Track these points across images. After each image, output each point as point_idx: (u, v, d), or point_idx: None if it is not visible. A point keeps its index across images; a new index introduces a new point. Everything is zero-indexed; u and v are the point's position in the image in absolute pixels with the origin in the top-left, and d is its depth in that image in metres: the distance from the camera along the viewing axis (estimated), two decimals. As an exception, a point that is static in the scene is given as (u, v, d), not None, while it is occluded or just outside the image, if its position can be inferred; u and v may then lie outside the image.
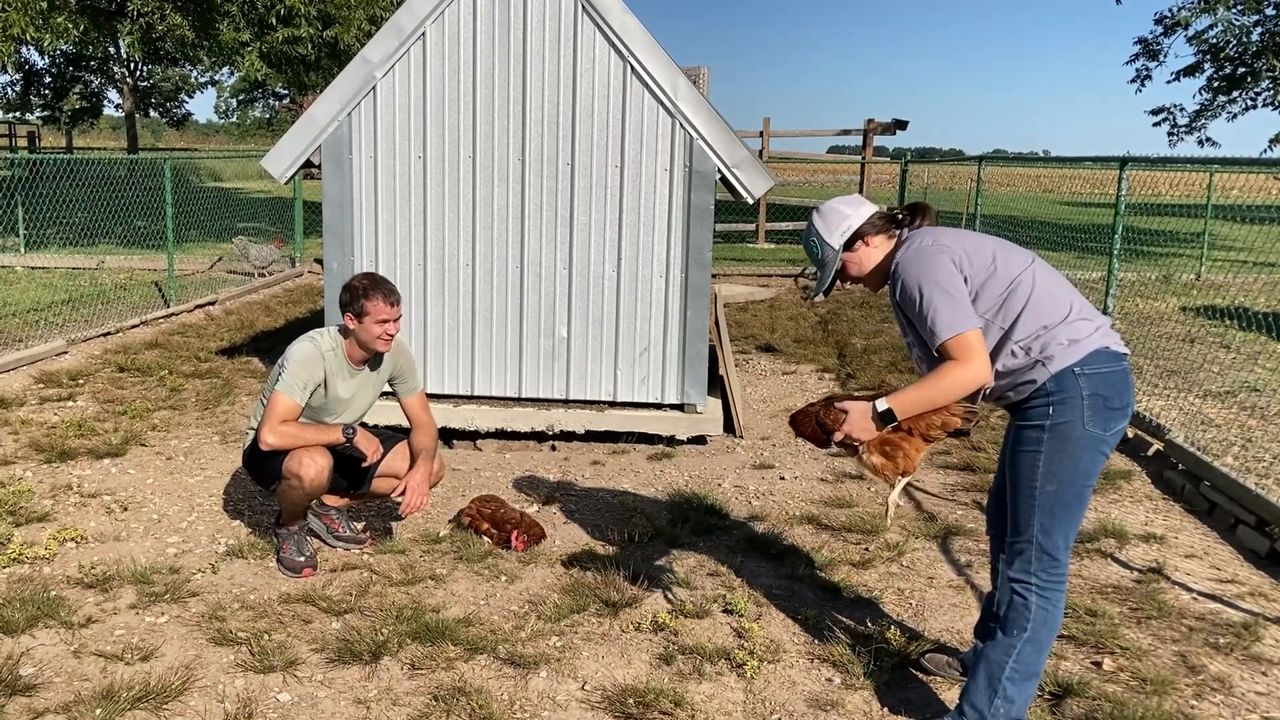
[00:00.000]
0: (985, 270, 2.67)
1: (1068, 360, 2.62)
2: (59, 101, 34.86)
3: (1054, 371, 2.62)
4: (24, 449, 5.46)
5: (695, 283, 5.79)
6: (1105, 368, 2.63)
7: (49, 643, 3.42)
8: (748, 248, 17.01)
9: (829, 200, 2.97)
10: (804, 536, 4.51)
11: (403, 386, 4.33)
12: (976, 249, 2.71)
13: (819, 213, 2.93)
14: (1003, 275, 2.66)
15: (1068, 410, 2.62)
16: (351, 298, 3.96)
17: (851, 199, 2.95)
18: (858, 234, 2.85)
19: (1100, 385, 2.62)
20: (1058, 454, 2.64)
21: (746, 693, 3.22)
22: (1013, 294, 2.65)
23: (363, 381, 4.16)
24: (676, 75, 5.61)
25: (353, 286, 3.99)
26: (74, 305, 9.61)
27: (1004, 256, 2.70)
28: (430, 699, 3.13)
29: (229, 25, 15.00)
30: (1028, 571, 2.74)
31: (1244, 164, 7.50)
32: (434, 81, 5.73)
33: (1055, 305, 2.66)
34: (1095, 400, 2.61)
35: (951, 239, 2.74)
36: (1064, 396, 2.62)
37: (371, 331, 3.98)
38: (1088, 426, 2.62)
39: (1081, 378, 2.61)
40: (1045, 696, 3.19)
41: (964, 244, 2.72)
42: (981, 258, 2.68)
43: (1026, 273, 2.68)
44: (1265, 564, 4.27)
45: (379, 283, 3.99)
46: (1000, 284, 2.66)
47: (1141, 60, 22.00)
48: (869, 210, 2.88)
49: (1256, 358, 8.31)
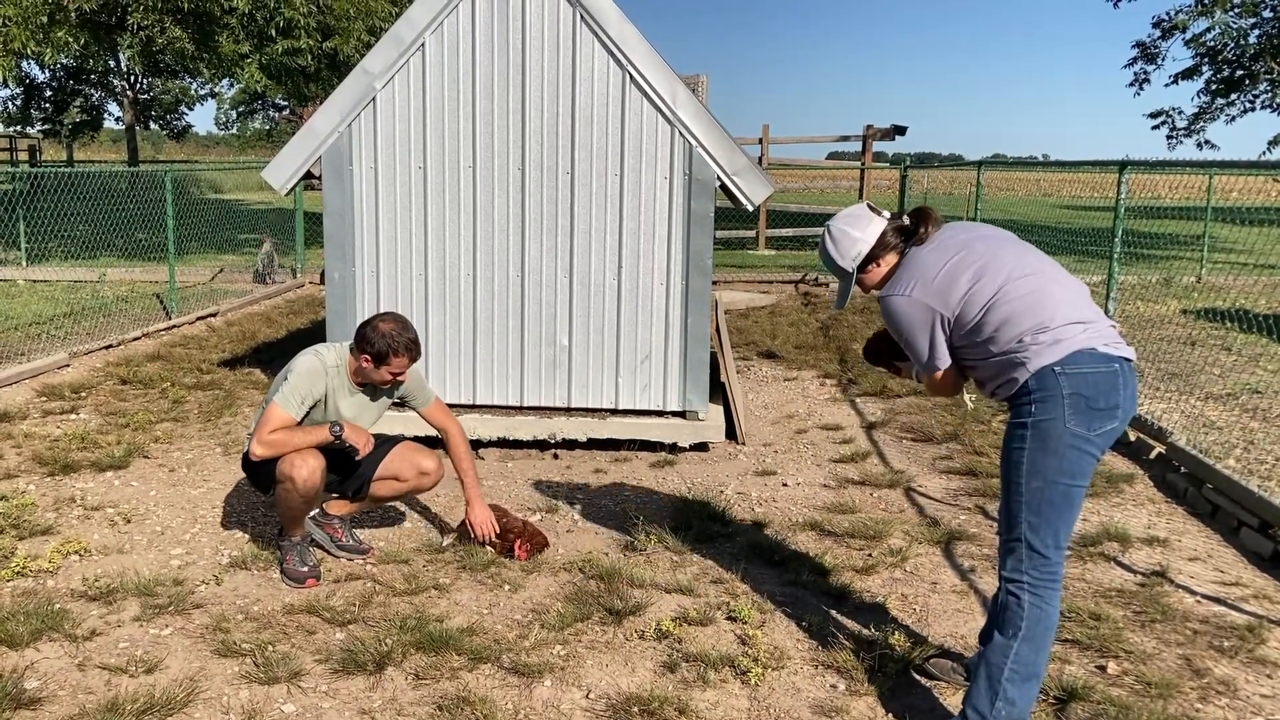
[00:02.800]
0: (957, 301, 2.78)
1: (1047, 359, 2.67)
2: (59, 115, 34.95)
3: (1033, 370, 2.69)
4: (27, 462, 5.47)
5: (696, 290, 5.80)
6: (1088, 368, 2.66)
7: (53, 656, 3.42)
8: (748, 254, 17.03)
9: (836, 221, 3.00)
10: (807, 543, 4.51)
11: (416, 402, 4.34)
12: (950, 282, 2.79)
13: (830, 237, 2.98)
14: (977, 300, 2.76)
15: (1049, 408, 2.68)
16: (377, 345, 3.89)
17: (858, 217, 2.97)
18: (869, 257, 2.95)
19: (1081, 385, 2.65)
20: (1040, 451, 2.70)
21: (751, 699, 3.22)
22: (989, 312, 2.74)
23: (364, 402, 4.15)
24: (675, 83, 5.62)
25: (385, 335, 3.90)
26: (76, 318, 9.63)
27: (982, 281, 2.76)
28: (435, 709, 3.14)
29: (229, 37, 15.03)
30: (1019, 570, 2.78)
31: (1243, 166, 7.50)
32: (434, 92, 5.75)
33: (1035, 313, 2.71)
34: (1076, 399, 2.65)
35: (929, 273, 2.81)
36: (1044, 395, 2.68)
37: (382, 377, 4.00)
38: (1069, 425, 2.66)
39: (1062, 377, 2.66)
40: (1050, 700, 3.19)
41: (937, 279, 2.80)
42: (954, 291, 2.78)
43: (1005, 289, 2.74)
44: (1269, 566, 4.27)
45: (412, 344, 3.94)
46: (974, 306, 2.76)
47: (1140, 64, 22.06)
48: (877, 230, 2.93)
49: (1258, 360, 8.31)
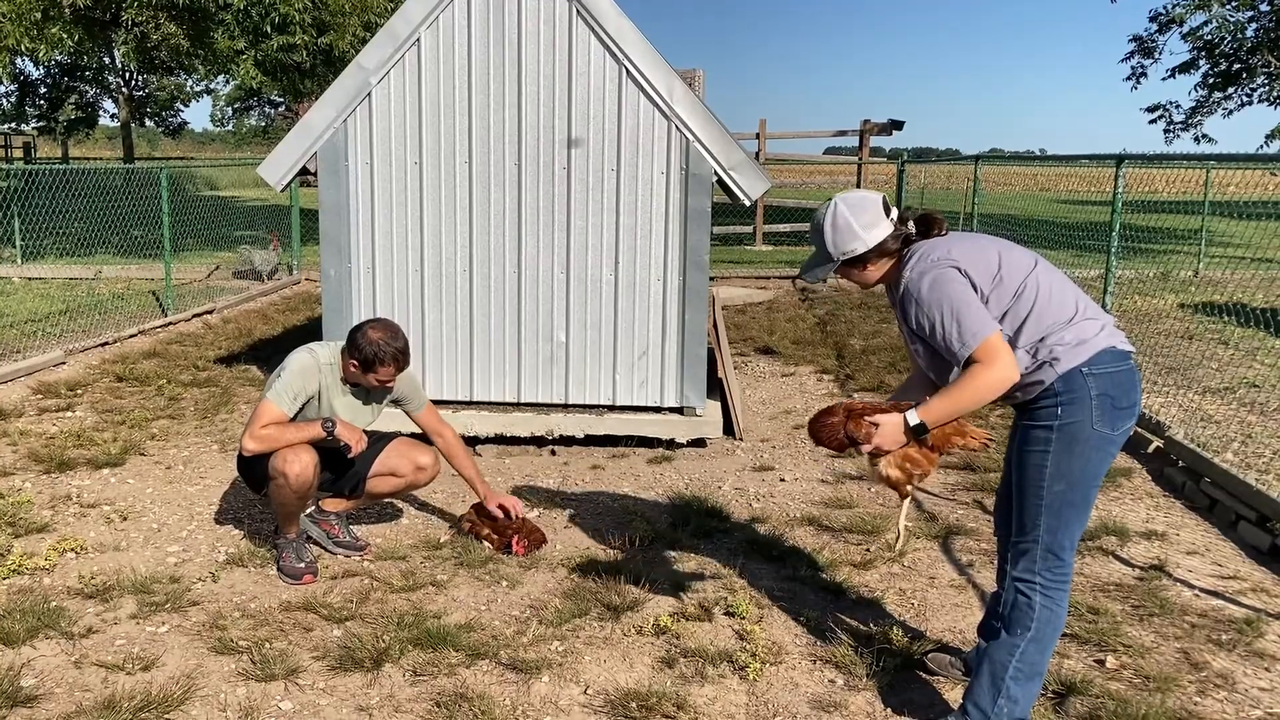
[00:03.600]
0: (991, 277, 2.64)
1: (1075, 361, 2.61)
2: (54, 112, 34.90)
3: (1061, 372, 2.61)
4: (23, 460, 5.46)
5: (693, 285, 5.79)
6: (1112, 367, 2.63)
7: (50, 653, 3.41)
8: (745, 250, 17.02)
9: (847, 202, 2.78)
10: (805, 538, 4.50)
11: (409, 406, 4.34)
12: (980, 255, 2.67)
13: (833, 220, 2.77)
14: (1009, 281, 2.64)
15: (1076, 410, 2.62)
16: (365, 352, 3.87)
17: (867, 209, 2.76)
18: (861, 259, 2.79)
19: (1108, 385, 2.62)
20: (1066, 454, 2.64)
21: (749, 695, 3.21)
22: (1019, 298, 2.64)
23: (358, 402, 4.14)
24: (672, 78, 5.61)
25: (373, 343, 3.86)
26: (71, 315, 9.60)
27: (1009, 261, 2.68)
28: (432, 705, 3.13)
29: (224, 33, 14.99)
30: (1032, 571, 2.74)
31: (1240, 160, 7.51)
32: (429, 87, 5.73)
33: (1061, 307, 2.65)
34: (1103, 400, 2.61)
35: (956, 249, 2.69)
36: (1072, 397, 2.62)
37: (369, 383, 4.00)
38: (1096, 426, 2.62)
39: (1089, 378, 2.61)
40: (1048, 695, 3.18)
41: (967, 252, 2.68)
42: (986, 265, 2.65)
43: (1031, 276, 2.67)
44: (1267, 560, 4.27)
45: (400, 354, 3.91)
46: (1007, 290, 2.64)
47: (1137, 58, 22.09)
48: (879, 235, 2.74)
49: (1255, 354, 8.31)
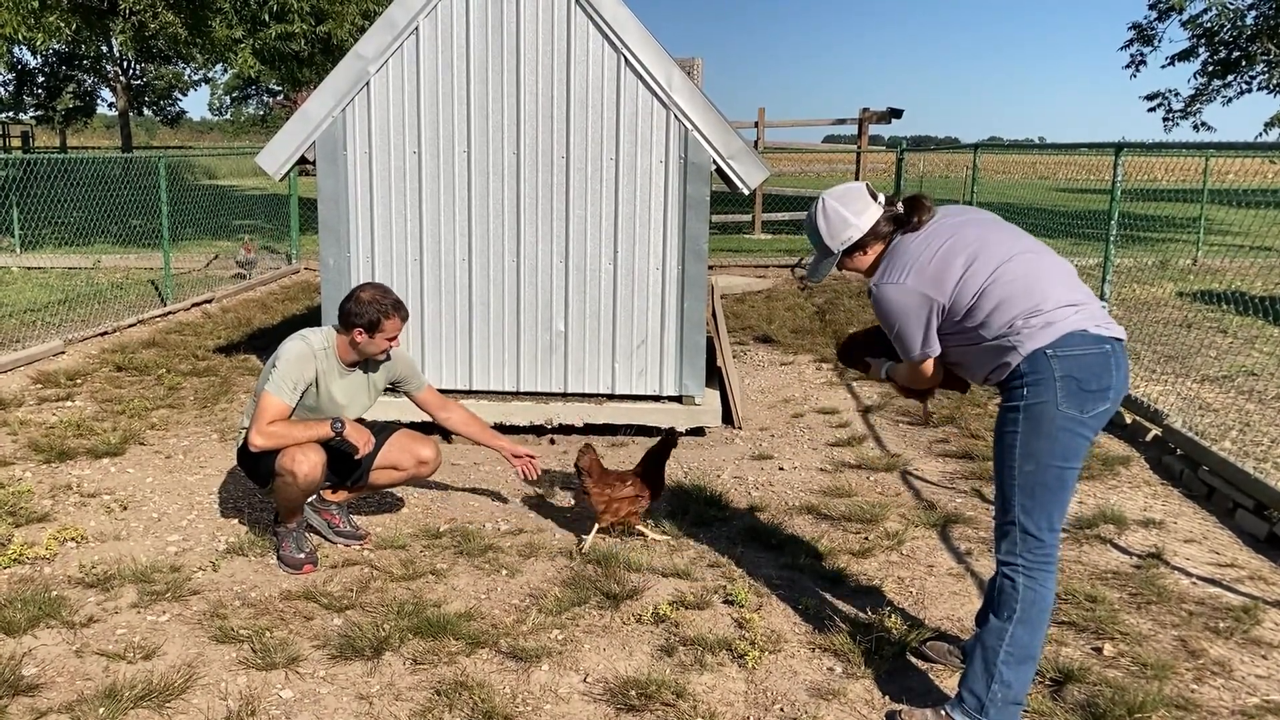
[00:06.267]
0: (950, 288, 2.78)
1: (1039, 342, 2.68)
2: (52, 101, 34.77)
3: (1025, 354, 2.69)
4: (23, 449, 5.46)
5: (692, 274, 5.79)
6: (1079, 350, 2.67)
7: (51, 642, 3.42)
8: (744, 239, 17.00)
9: (833, 195, 2.98)
10: (803, 526, 4.52)
11: (409, 386, 4.36)
12: (945, 266, 2.78)
13: (823, 212, 2.95)
14: (971, 282, 2.76)
15: (1042, 391, 2.68)
16: (367, 314, 3.91)
17: (854, 197, 2.95)
18: (858, 245, 2.95)
19: (1073, 367, 2.66)
20: (1034, 434, 2.70)
21: (748, 683, 3.23)
22: (983, 296, 2.74)
23: (357, 384, 4.15)
24: (670, 67, 5.60)
25: (370, 302, 3.92)
26: (70, 305, 9.60)
27: (978, 263, 2.77)
28: (432, 693, 3.14)
29: (221, 22, 14.95)
30: (1013, 553, 2.79)
31: (1239, 148, 7.51)
32: (428, 76, 5.72)
33: (1028, 296, 2.72)
34: (1068, 382, 2.66)
35: (918, 263, 2.81)
36: (1037, 378, 2.68)
37: (379, 346, 4.00)
38: (1061, 407, 2.67)
39: (1054, 359, 2.66)
40: (1045, 682, 3.20)
41: (928, 265, 2.80)
42: (947, 277, 2.78)
43: (1002, 268, 2.74)
44: (1264, 548, 4.28)
45: (399, 304, 3.99)
46: (968, 291, 2.76)
47: (1136, 45, 22.03)
48: (871, 218, 2.91)
49: (1253, 342, 8.32)
